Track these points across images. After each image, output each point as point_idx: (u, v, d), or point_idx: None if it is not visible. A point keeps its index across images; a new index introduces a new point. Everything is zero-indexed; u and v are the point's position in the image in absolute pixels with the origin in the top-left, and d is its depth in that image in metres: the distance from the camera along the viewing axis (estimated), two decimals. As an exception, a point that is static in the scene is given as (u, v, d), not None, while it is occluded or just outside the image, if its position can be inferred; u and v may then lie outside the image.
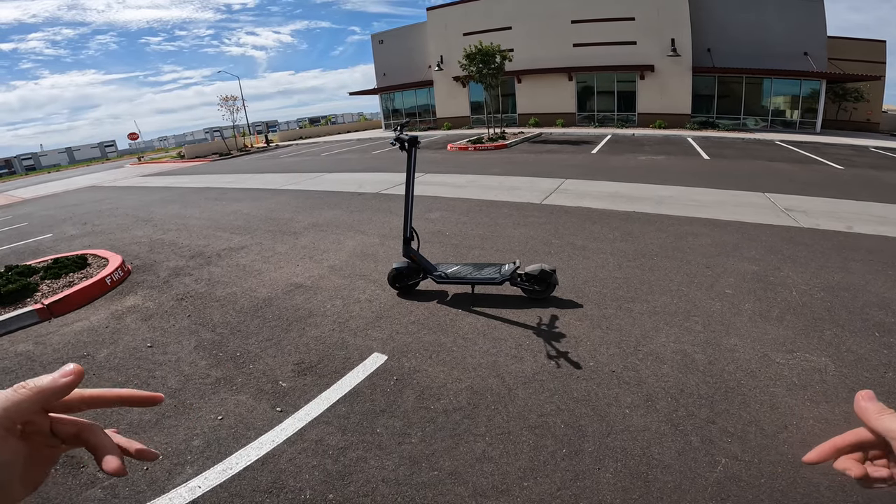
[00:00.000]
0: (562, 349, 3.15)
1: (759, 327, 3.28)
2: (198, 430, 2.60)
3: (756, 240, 5.18)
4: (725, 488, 1.98)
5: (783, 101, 21.23)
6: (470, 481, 2.12)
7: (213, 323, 3.97)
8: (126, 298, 4.72)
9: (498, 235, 5.83)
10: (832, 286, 3.91)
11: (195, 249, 6.30)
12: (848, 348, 2.97)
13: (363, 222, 6.96)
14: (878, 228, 5.47)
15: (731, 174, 9.58)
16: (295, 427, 2.56)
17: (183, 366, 3.31)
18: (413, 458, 2.28)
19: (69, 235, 8.15)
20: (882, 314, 3.37)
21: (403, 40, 28.76)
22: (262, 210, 8.59)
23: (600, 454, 2.22)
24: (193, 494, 2.15)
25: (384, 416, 2.60)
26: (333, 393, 2.85)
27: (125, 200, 12.00)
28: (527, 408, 2.58)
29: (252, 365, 3.25)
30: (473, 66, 17.28)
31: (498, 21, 23.96)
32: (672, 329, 3.32)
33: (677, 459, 2.15)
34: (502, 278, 3.80)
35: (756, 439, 2.24)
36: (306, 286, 4.61)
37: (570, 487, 2.05)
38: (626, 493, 1.99)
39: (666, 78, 21.23)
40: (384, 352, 3.27)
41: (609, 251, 5.01)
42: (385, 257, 5.27)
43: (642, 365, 2.91)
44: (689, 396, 2.59)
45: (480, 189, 8.87)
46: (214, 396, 2.91)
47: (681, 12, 20.20)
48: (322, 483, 2.17)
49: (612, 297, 3.88)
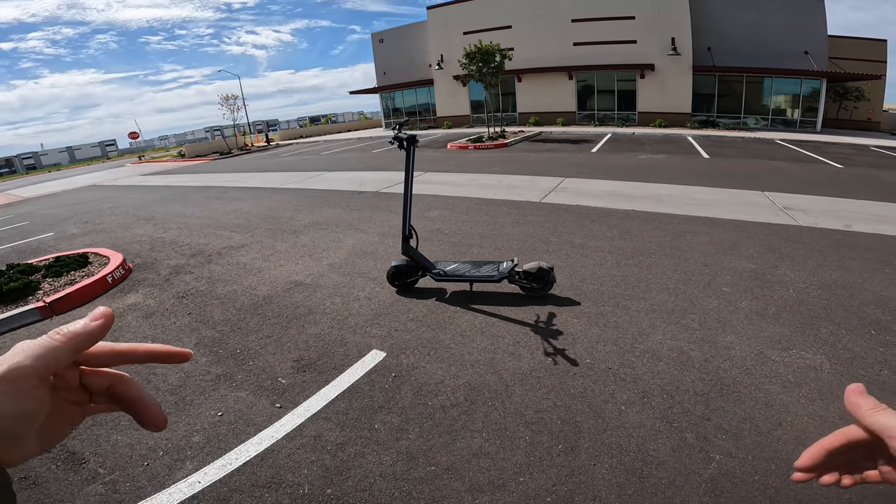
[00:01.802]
0: (559, 346, 3.17)
1: (756, 325, 3.30)
2: (198, 426, 2.63)
3: (754, 238, 5.20)
4: (719, 485, 2.00)
5: (784, 100, 21.21)
6: (466, 476, 2.14)
7: (214, 320, 3.99)
8: (127, 296, 4.74)
9: (497, 234, 5.84)
10: (829, 284, 3.92)
11: (196, 248, 6.32)
12: (844, 346, 2.98)
13: (363, 221, 6.98)
14: (877, 227, 5.48)
15: (731, 173, 9.59)
16: (294, 423, 2.59)
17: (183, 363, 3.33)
18: (410, 454, 2.30)
19: (70, 234, 8.17)
20: (878, 312, 3.39)
21: (403, 39, 28.76)
22: (262, 208, 8.61)
23: (596, 450, 2.24)
24: (193, 489, 2.18)
25: (382, 412, 2.62)
26: (332, 389, 2.87)
27: (126, 199, 12.03)
28: (523, 404, 2.60)
29: (252, 362, 3.27)
30: (473, 65, 17.27)
31: (498, 20, 23.95)
32: (669, 326, 3.34)
33: (672, 456, 2.17)
34: (500, 276, 3.82)
35: (750, 436, 2.26)
36: (306, 284, 4.63)
37: (565, 483, 2.07)
38: (622, 489, 2.01)
39: (666, 77, 21.21)
40: (383, 349, 3.30)
41: (607, 249, 5.03)
42: (384, 255, 5.29)
43: (638, 362, 2.93)
44: (684, 393, 2.61)
45: (480, 187, 8.88)
46: (214, 393, 2.93)
47: (681, 11, 20.17)
48: (320, 478, 2.19)
49: (610, 295, 3.90)
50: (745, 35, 20.43)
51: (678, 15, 20.26)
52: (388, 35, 29.68)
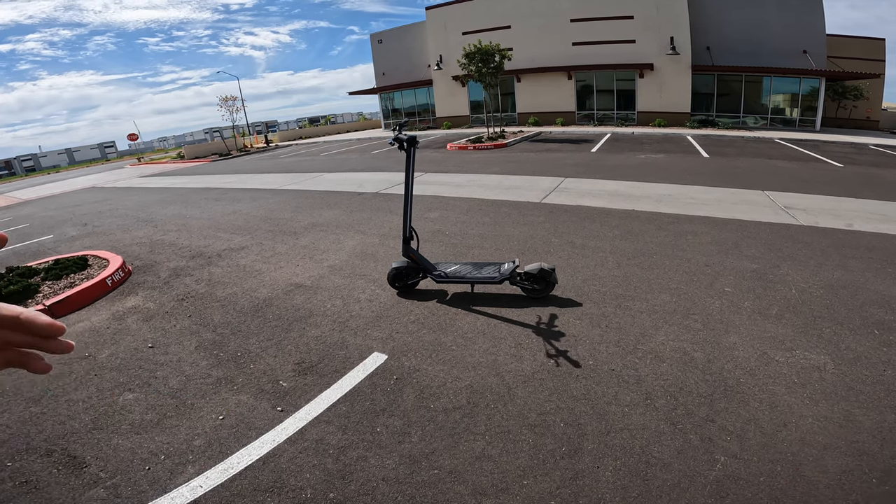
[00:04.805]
0: (561, 348, 3.15)
1: (759, 325, 3.29)
2: (199, 429, 2.61)
3: (756, 238, 5.19)
4: (724, 486, 1.99)
5: (783, 99, 21.21)
6: (469, 480, 2.13)
7: (214, 323, 3.98)
8: (127, 299, 4.73)
9: (497, 234, 5.83)
10: (831, 284, 3.91)
11: (195, 250, 6.31)
12: (847, 346, 2.97)
13: (363, 222, 6.97)
14: (878, 226, 5.48)
15: (731, 172, 9.58)
16: (296, 426, 2.57)
17: (184, 366, 3.32)
18: (413, 457, 2.28)
19: (70, 236, 8.16)
20: (881, 312, 3.38)
21: (402, 40, 28.76)
22: (262, 210, 8.60)
23: (600, 452, 2.23)
24: (195, 494, 2.16)
25: (384, 416, 2.61)
26: (334, 392, 2.85)
27: (125, 201, 12.01)
28: (526, 406, 2.59)
29: (253, 365, 3.26)
30: (473, 66, 17.27)
31: (497, 20, 23.94)
32: (671, 327, 3.33)
33: (676, 458, 2.16)
34: (502, 277, 3.81)
35: (755, 437, 2.25)
36: (306, 286, 4.61)
37: (569, 486, 2.06)
38: (626, 492, 2.00)
39: (665, 76, 21.22)
40: (384, 351, 3.28)
41: (608, 250, 5.02)
42: (385, 257, 5.27)
43: (641, 363, 2.92)
44: (688, 395, 2.59)
45: (480, 188, 8.87)
46: (215, 396, 2.92)
47: (680, 10, 20.18)
48: (323, 482, 2.18)
49: (612, 296, 3.89)
50: (744, 34, 20.44)
51: (677, 14, 20.27)
52: (387, 36, 29.68)
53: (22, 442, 2.63)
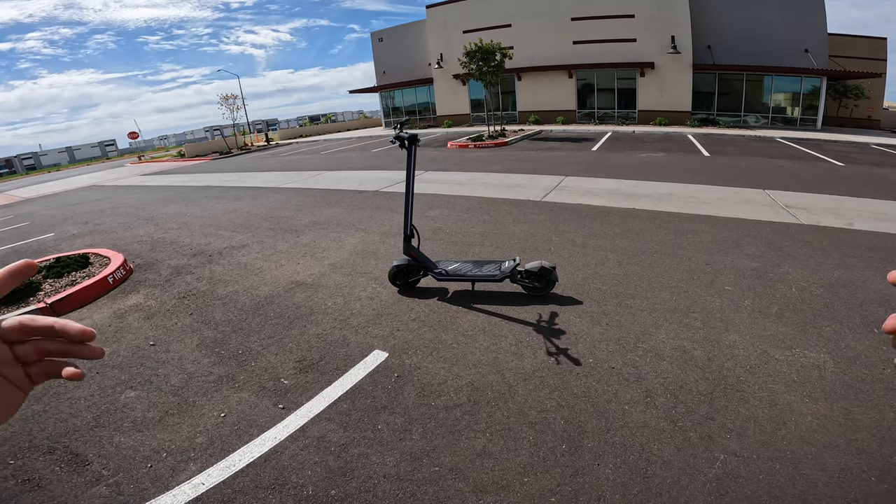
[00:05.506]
0: (561, 346, 3.16)
1: (759, 324, 3.30)
2: (201, 427, 2.62)
3: (756, 236, 5.19)
4: (724, 484, 2.00)
5: (784, 98, 21.18)
6: (470, 477, 2.14)
7: (215, 321, 3.99)
8: (128, 297, 4.74)
9: (498, 232, 5.84)
10: (831, 283, 3.92)
11: (196, 248, 6.31)
12: (847, 344, 2.98)
13: (364, 220, 6.97)
14: (879, 225, 5.48)
15: (732, 171, 9.58)
16: (297, 424, 2.58)
17: (186, 364, 3.33)
18: (414, 455, 2.29)
19: (71, 234, 8.17)
20: (881, 311, 3.38)
21: (403, 38, 28.71)
22: (262, 208, 8.61)
23: (600, 450, 2.24)
24: (197, 491, 2.17)
25: (385, 413, 2.62)
26: (335, 390, 2.86)
27: (126, 199, 12.02)
28: (527, 404, 2.60)
29: (254, 362, 3.26)
30: (473, 64, 17.24)
31: (498, 18, 23.90)
32: (671, 326, 3.34)
33: (676, 455, 2.17)
34: (502, 275, 3.81)
35: (755, 435, 2.25)
36: (307, 284, 4.62)
37: (569, 483, 2.07)
38: (626, 489, 2.01)
39: (666, 75, 21.18)
40: (385, 349, 3.29)
41: (609, 248, 5.02)
42: (386, 255, 5.28)
43: (642, 361, 2.93)
44: (688, 393, 2.60)
45: (481, 186, 8.87)
46: (217, 394, 2.93)
47: (681, 9, 20.14)
48: (324, 479, 2.19)
49: (612, 294, 3.90)
50: (745, 33, 20.40)
51: (678, 13, 20.23)
52: (388, 34, 29.63)
53: (24, 440, 2.64)
